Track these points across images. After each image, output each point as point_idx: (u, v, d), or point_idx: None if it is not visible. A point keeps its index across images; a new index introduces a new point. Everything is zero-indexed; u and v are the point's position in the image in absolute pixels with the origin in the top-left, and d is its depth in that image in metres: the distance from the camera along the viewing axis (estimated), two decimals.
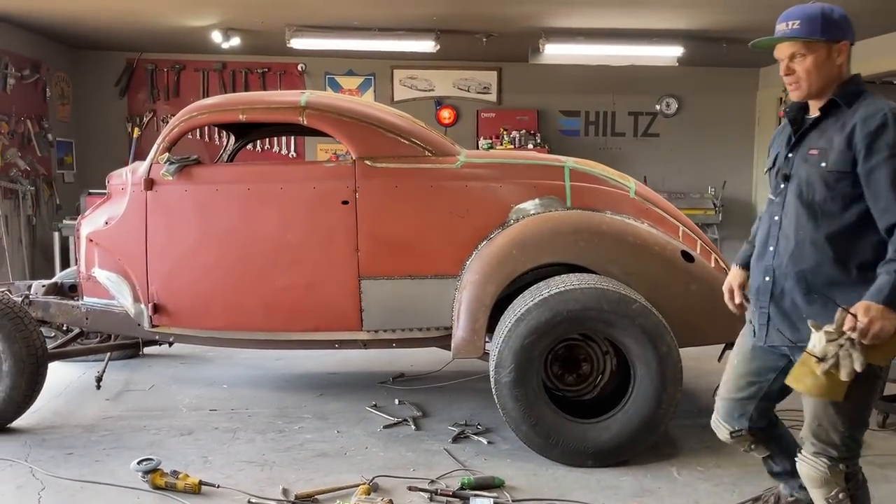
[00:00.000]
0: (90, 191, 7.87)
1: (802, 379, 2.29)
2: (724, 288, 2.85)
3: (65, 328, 5.21)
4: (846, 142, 2.29)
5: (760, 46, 2.48)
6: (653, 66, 8.61)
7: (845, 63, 2.39)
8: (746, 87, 9.55)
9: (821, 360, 2.19)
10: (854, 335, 2.14)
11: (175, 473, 3.41)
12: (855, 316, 2.14)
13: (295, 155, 9.09)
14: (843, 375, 2.17)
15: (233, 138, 5.41)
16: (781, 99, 9.01)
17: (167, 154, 4.20)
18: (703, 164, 9.55)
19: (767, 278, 2.52)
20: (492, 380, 3.75)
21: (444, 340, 4.22)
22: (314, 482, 3.49)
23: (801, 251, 2.40)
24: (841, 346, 2.17)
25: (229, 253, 4.18)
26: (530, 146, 8.79)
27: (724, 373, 2.88)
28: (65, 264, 7.88)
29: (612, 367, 4.10)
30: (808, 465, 2.50)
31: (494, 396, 3.75)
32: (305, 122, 4.16)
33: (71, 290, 5.07)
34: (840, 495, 2.45)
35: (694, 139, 9.53)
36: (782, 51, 2.42)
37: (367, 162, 4.12)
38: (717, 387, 2.92)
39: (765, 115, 9.43)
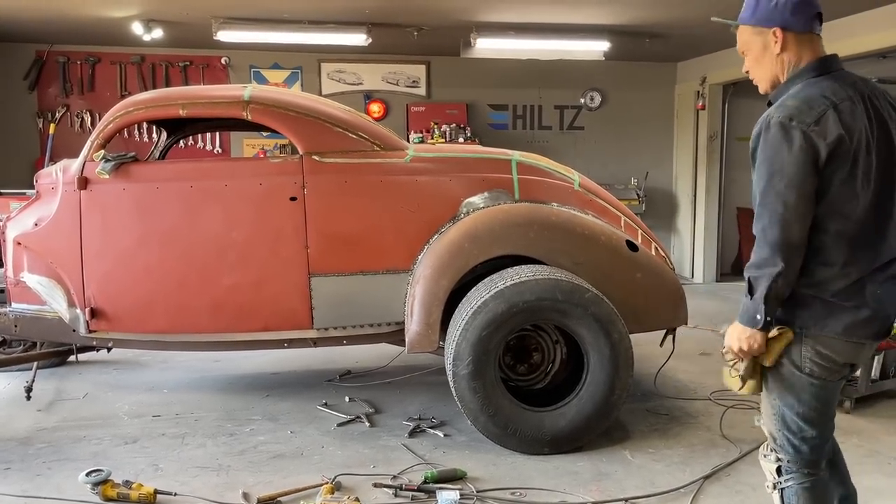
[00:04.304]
0: (1, 191, 7.40)
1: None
2: None
3: None
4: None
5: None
6: (577, 61, 8.80)
7: (785, 52, 2.17)
8: (666, 81, 9.88)
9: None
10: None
11: (128, 483, 3.28)
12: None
13: (220, 151, 8.82)
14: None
15: (164, 134, 5.23)
16: (698, 92, 9.39)
17: (102, 151, 4.01)
18: (625, 156, 9.82)
19: None
20: (449, 373, 3.77)
21: (395, 336, 4.22)
22: (274, 484, 3.42)
23: None
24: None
25: (172, 253, 4.04)
26: (461, 140, 8.82)
27: None
28: None
29: (562, 356, 4.20)
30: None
31: (452, 389, 3.77)
32: (250, 117, 4.05)
33: None
34: (769, 485, 2.36)
35: (617, 132, 9.78)
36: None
37: (315, 157, 4.05)
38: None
39: (682, 108, 9.79)
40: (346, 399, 4.67)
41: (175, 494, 3.28)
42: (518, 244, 4.03)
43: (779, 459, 2.32)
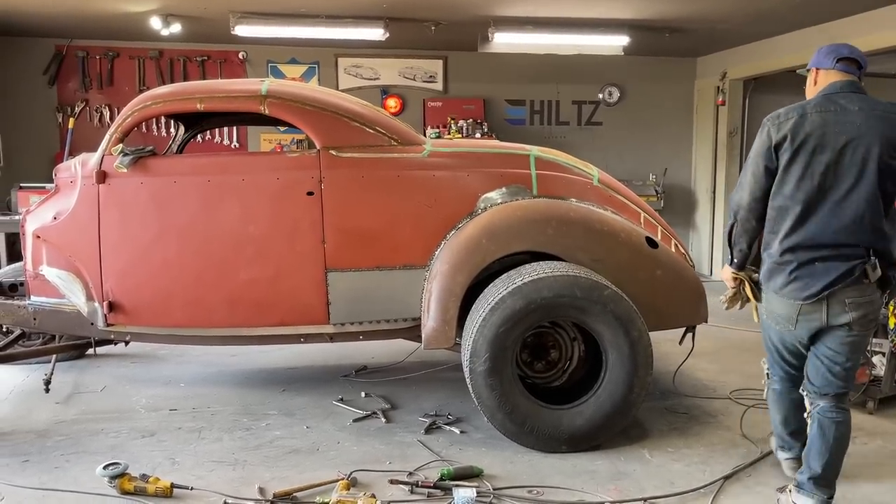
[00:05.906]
0: (21, 184, 7.47)
1: None
2: None
3: (4, 330, 4.96)
4: None
5: None
6: (595, 56, 8.70)
7: (816, 84, 3.04)
8: (685, 76, 9.78)
9: None
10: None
11: (144, 477, 3.29)
12: None
13: (238, 145, 8.84)
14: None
15: (182, 128, 5.23)
16: (718, 88, 9.28)
17: (120, 145, 4.01)
18: (644, 152, 9.73)
19: None
20: (466, 369, 3.74)
21: (411, 332, 4.19)
22: (290, 480, 3.42)
23: None
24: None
25: (189, 247, 4.04)
26: (478, 135, 8.77)
27: None
28: None
29: (580, 354, 4.15)
30: None
31: (469, 386, 3.74)
32: (267, 112, 4.04)
33: (10, 290, 4.81)
34: (764, 381, 3.48)
35: (635, 127, 9.69)
36: None
37: (332, 152, 4.04)
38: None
39: (702, 104, 9.67)
40: (362, 395, 4.66)
41: (191, 489, 3.28)
42: (536, 240, 3.99)
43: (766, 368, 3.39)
